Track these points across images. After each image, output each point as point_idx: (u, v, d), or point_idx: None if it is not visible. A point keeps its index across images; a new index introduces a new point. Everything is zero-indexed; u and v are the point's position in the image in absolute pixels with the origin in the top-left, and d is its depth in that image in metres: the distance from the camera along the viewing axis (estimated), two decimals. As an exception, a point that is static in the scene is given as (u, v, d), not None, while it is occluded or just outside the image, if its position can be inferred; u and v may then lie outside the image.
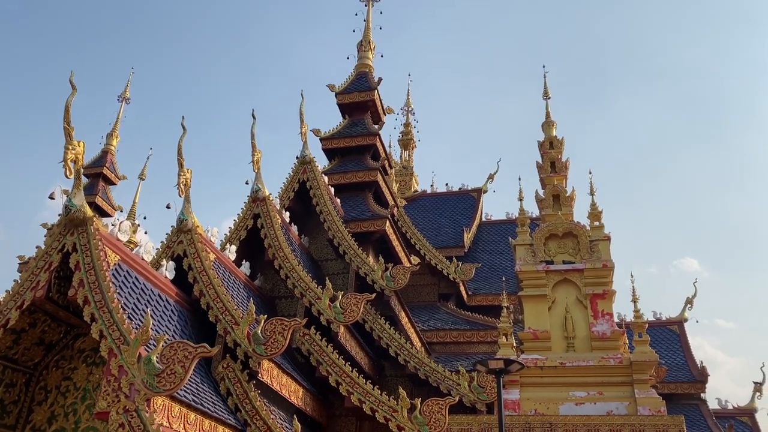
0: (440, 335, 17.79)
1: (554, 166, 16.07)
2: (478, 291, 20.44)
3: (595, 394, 12.64)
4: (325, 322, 11.81)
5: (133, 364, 6.94)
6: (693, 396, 19.77)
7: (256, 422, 8.73)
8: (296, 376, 10.60)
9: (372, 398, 10.81)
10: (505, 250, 21.82)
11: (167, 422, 7.13)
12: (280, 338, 9.19)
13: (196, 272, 9.83)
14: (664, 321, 21.83)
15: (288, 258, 12.24)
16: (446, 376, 13.12)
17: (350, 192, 16.87)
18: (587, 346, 13.36)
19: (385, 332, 13.65)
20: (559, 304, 14.00)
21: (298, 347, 11.47)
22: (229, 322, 9.38)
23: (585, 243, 14.24)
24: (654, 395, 12.35)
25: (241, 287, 11.54)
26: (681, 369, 20.22)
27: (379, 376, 13.98)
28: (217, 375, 9.20)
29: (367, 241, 15.76)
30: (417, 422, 10.52)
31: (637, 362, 12.59)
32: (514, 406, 12.89)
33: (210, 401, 8.28)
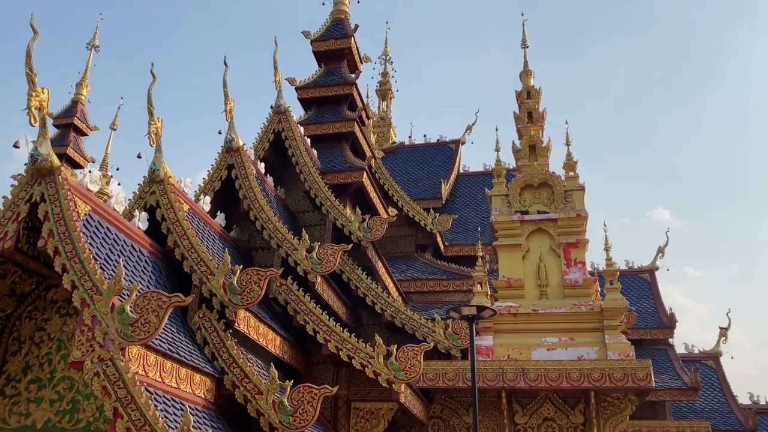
0: (417, 285, 18.02)
1: (531, 117, 16.07)
2: (455, 242, 20.64)
3: (567, 339, 13.00)
4: (302, 273, 11.86)
5: (106, 314, 6.94)
6: (661, 341, 20.43)
7: (233, 370, 8.83)
8: (273, 325, 10.70)
9: (349, 346, 10.97)
10: (482, 202, 21.97)
11: (143, 371, 7.18)
12: (256, 288, 9.22)
13: (170, 223, 9.74)
14: (635, 270, 22.33)
15: (263, 209, 12.19)
16: (422, 324, 13.35)
17: (327, 143, 16.71)
18: (560, 294, 13.68)
19: (362, 282, 13.77)
20: (533, 253, 14.24)
21: (275, 297, 11.54)
22: (205, 273, 9.37)
23: (560, 193, 14.39)
24: (623, 340, 12.74)
25: (217, 238, 11.50)
26: (651, 316, 20.83)
27: (357, 325, 14.18)
28: (194, 325, 9.24)
29: (344, 193, 15.73)
30: (393, 368, 10.74)
31: (608, 309, 12.93)
32: (488, 351, 13.23)
33: (186, 350, 8.34)
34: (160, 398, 7.22)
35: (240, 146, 12.70)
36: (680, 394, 18.65)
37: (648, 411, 18.87)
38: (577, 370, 12.07)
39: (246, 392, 8.67)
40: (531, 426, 12.64)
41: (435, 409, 13.34)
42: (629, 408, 12.46)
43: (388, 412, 11.41)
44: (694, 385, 18.56)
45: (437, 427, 13.32)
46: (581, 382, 11.97)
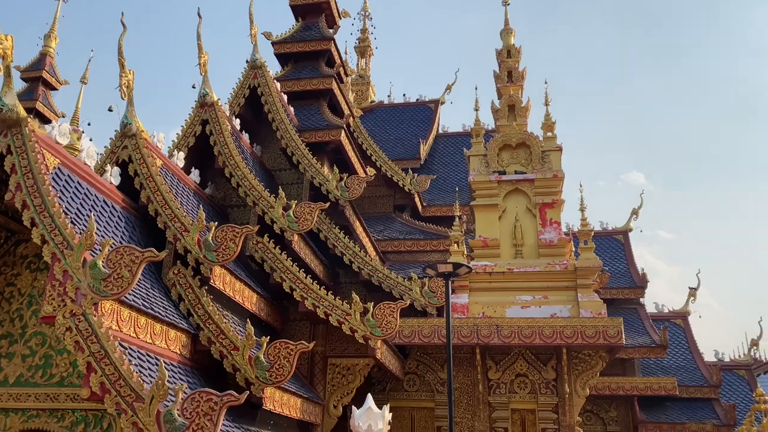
0: (395, 245, 18.08)
1: (511, 76, 15.97)
2: (433, 202, 20.68)
3: (541, 298, 13.21)
4: (278, 231, 11.79)
5: (78, 269, 6.83)
6: (633, 301, 20.93)
7: (209, 326, 8.81)
8: (250, 282, 10.67)
9: (326, 303, 11.01)
10: (461, 162, 21.96)
11: (116, 326, 7.13)
12: (231, 245, 9.15)
13: (143, 178, 9.56)
14: (610, 231, 22.67)
15: (239, 166, 12.01)
16: (399, 282, 13.44)
17: (304, 100, 16.44)
18: (535, 253, 13.83)
19: (340, 241, 13.76)
20: (510, 213, 14.33)
21: (251, 255, 11.49)
22: (179, 229, 9.25)
23: (537, 153, 14.41)
24: (596, 299, 12.98)
25: (191, 195, 11.34)
26: (623, 276, 21.25)
27: (334, 284, 14.22)
28: (168, 281, 9.17)
29: (321, 152, 15.57)
30: (369, 324, 10.83)
31: (582, 268, 13.13)
32: (463, 309, 13.41)
33: (161, 306, 8.29)
34: (134, 353, 7.20)
35: (215, 101, 12.43)
36: (649, 351, 19.21)
37: (617, 368, 19.44)
38: (550, 327, 12.31)
39: (222, 348, 8.69)
40: (504, 381, 12.92)
41: (410, 365, 13.55)
42: (600, 364, 12.78)
43: (364, 367, 11.55)
44: (662, 343, 19.11)
45: (412, 382, 13.55)
46: (554, 339, 12.21)
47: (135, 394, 6.31)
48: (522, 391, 12.81)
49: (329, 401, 11.44)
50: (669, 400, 19.15)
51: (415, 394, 13.44)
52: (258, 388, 8.46)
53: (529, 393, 12.75)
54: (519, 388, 12.85)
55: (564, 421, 12.40)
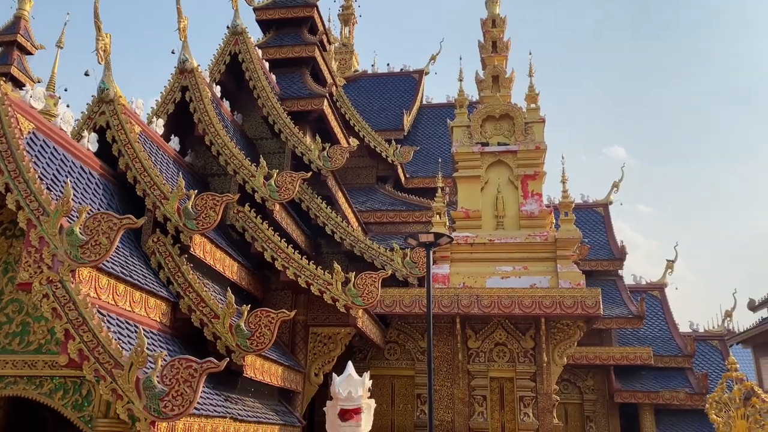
0: (377, 216, 18.07)
1: (495, 46, 15.85)
2: (416, 174, 20.63)
3: (521, 268, 13.34)
4: (260, 200, 11.73)
5: (54, 236, 6.73)
6: (611, 273, 21.21)
7: (189, 294, 8.78)
8: (230, 251, 10.63)
9: (307, 272, 11.03)
10: (444, 134, 21.89)
11: (95, 293, 7.07)
12: (211, 213, 9.08)
13: (121, 145, 9.40)
14: (590, 203, 22.84)
15: (219, 134, 11.86)
16: (381, 253, 13.48)
17: (286, 68, 16.20)
18: (516, 225, 13.92)
19: (322, 211, 13.73)
20: (492, 184, 14.37)
21: (232, 224, 11.42)
22: (158, 197, 9.15)
23: (520, 125, 14.41)
24: (575, 270, 13.14)
25: (171, 162, 11.20)
26: (603, 248, 21.49)
27: (316, 254, 14.22)
28: (148, 249, 9.09)
29: (303, 121, 15.41)
30: (350, 294, 10.88)
31: (562, 239, 13.25)
32: (444, 279, 13.50)
33: (140, 274, 8.23)
34: (113, 320, 7.16)
35: (194, 67, 12.20)
36: (626, 322, 19.55)
37: (595, 338, 19.78)
38: (529, 297, 12.46)
39: (202, 316, 8.68)
40: (483, 350, 13.10)
41: (391, 334, 13.68)
42: (578, 334, 12.99)
43: (346, 336, 11.64)
44: (639, 314, 19.45)
45: (393, 351, 13.70)
46: (533, 309, 12.38)
47: (114, 361, 6.29)
48: (501, 360, 13.00)
49: (310, 369, 11.54)
50: (644, 369, 19.56)
51: (395, 362, 13.60)
52: (239, 356, 8.49)
53: (508, 362, 12.96)
54: (498, 356, 13.04)
55: (541, 389, 12.64)
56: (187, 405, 6.08)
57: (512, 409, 12.67)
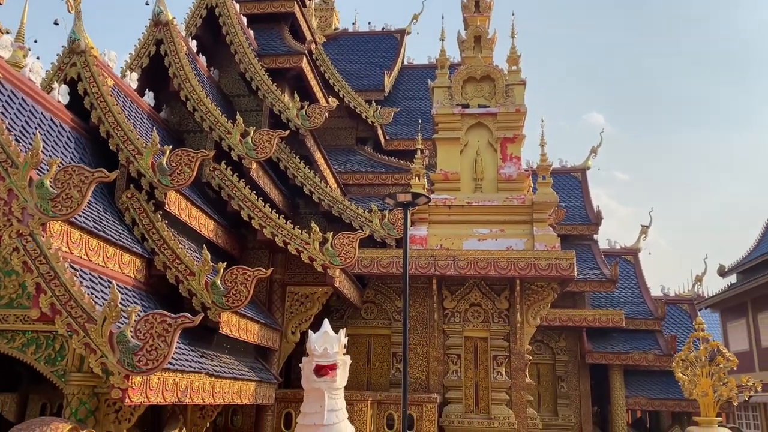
0: (356, 177, 17.97)
1: (478, 6, 15.64)
2: (396, 136, 20.50)
3: (498, 231, 13.43)
4: (236, 158, 11.57)
5: (24, 188, 6.59)
6: (587, 237, 21.52)
7: (164, 251, 8.71)
8: (207, 209, 10.52)
9: (284, 232, 10.98)
10: (425, 96, 21.71)
11: (66, 247, 6.97)
12: (186, 170, 8.94)
13: (93, 98, 9.16)
14: (568, 168, 23.00)
15: (195, 89, 11.61)
16: (359, 214, 13.46)
17: (264, 24, 15.82)
18: (494, 188, 13.97)
19: (300, 171, 13.62)
20: (471, 147, 14.34)
21: (208, 182, 11.29)
22: (132, 152, 8.98)
23: (501, 87, 14.33)
24: (550, 233, 13.26)
25: (145, 118, 10.96)
26: (579, 212, 21.74)
27: (294, 214, 14.16)
28: (122, 205, 8.96)
29: (282, 78, 15.13)
30: (328, 254, 10.88)
31: (538, 202, 13.33)
32: (422, 241, 13.56)
33: (114, 230, 8.12)
34: (85, 275, 7.08)
35: (170, 20, 11.86)
36: (599, 285, 19.93)
37: (568, 300, 20.17)
38: (505, 259, 12.58)
39: (178, 273, 8.62)
40: (458, 311, 13.28)
41: (369, 294, 13.77)
42: (551, 296, 13.20)
43: (323, 295, 11.69)
44: (612, 277, 19.83)
45: (370, 310, 13.81)
46: (508, 271, 12.52)
47: (87, 315, 6.25)
48: (475, 320, 13.20)
49: (287, 327, 11.59)
50: (615, 332, 20.06)
51: (372, 321, 13.73)
52: (214, 313, 8.48)
53: (482, 322, 13.15)
54: (473, 317, 13.23)
55: (515, 348, 12.89)
56: (162, 359, 6.09)
57: (486, 367, 12.92)
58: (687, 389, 7.27)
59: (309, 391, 7.66)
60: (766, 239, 27.84)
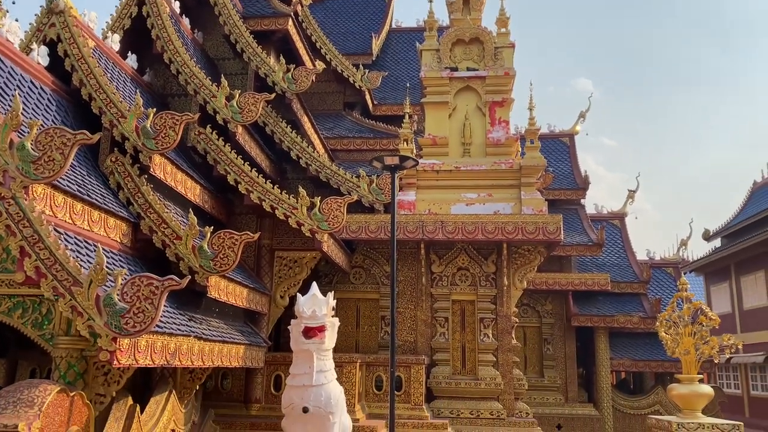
0: (344, 143, 17.85)
1: (467, -34, 15.35)
2: (384, 101, 20.31)
3: (485, 195, 13.46)
4: (221, 122, 11.43)
5: (4, 151, 6.47)
6: (574, 202, 21.62)
7: (150, 215, 8.65)
8: (193, 174, 10.42)
9: (272, 197, 10.93)
10: (414, 60, 21.46)
11: (50, 211, 6.89)
12: (171, 133, 8.82)
13: (74, 59, 8.96)
14: (556, 133, 22.97)
15: (178, 51, 11.39)
16: (347, 179, 13.41)
17: (249, -15, 15.45)
18: (482, 152, 13.95)
19: (287, 135, 13.49)
20: (460, 111, 14.27)
21: (193, 146, 11.16)
22: (115, 115, 8.83)
23: (490, 50, 14.19)
24: (538, 197, 13.32)
25: (128, 81, 10.76)
26: (567, 177, 21.80)
27: (281, 179, 14.08)
28: (106, 169, 8.85)
29: (267, 41, 14.87)
30: (316, 219, 10.86)
31: (526, 166, 13.34)
32: (410, 206, 13.58)
33: (99, 193, 8.04)
34: (70, 239, 7.02)
35: (151, -20, 11.56)
36: (586, 249, 20.11)
37: (555, 265, 20.37)
38: (492, 223, 12.64)
39: (164, 237, 8.58)
40: (446, 275, 13.37)
41: (357, 259, 13.82)
42: (538, 259, 13.32)
43: (311, 260, 11.71)
44: (599, 241, 20.01)
45: (359, 275, 13.88)
46: (495, 235, 12.59)
47: (72, 279, 6.21)
48: (463, 284, 13.31)
49: (276, 292, 11.63)
50: (601, 295, 20.33)
51: (361, 286, 13.81)
52: (202, 277, 8.48)
53: (470, 285, 13.27)
54: (460, 280, 13.34)
55: (501, 311, 13.04)
56: (149, 322, 6.09)
57: (473, 330, 13.09)
58: (670, 348, 7.41)
59: (298, 352, 7.73)
60: (751, 204, 28.16)
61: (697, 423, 6.61)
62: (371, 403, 11.72)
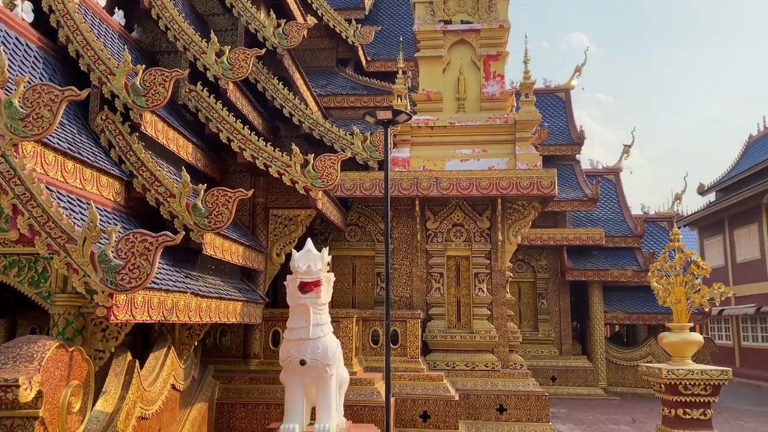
0: (337, 100, 17.67)
1: None
2: (378, 56, 20.03)
3: (480, 151, 13.41)
4: (212, 79, 11.27)
5: (-8, 109, 6.39)
6: (569, 157, 21.59)
7: (142, 173, 8.60)
8: (184, 131, 10.33)
9: (265, 154, 10.87)
10: (407, 14, 21.07)
11: (41, 169, 6.85)
12: (161, 90, 8.70)
13: (59, 15, 8.77)
14: (552, 88, 22.77)
15: (167, 7, 11.14)
16: (340, 136, 13.32)
17: (237, -63, 15.01)
18: (477, 107, 13.84)
19: (279, 92, 13.33)
20: (454, 65, 14.09)
21: (184, 104, 11.04)
22: (104, 72, 8.69)
23: (484, 2, 13.96)
24: (532, 151, 13.28)
25: (116, 37, 10.55)
26: (562, 133, 21.70)
27: (274, 137, 13.99)
28: (96, 127, 8.76)
29: (258, -4, 14.55)
30: (310, 176, 10.83)
31: (521, 121, 13.26)
32: (404, 163, 13.54)
33: (90, 152, 7.97)
34: (63, 197, 7.00)
35: (135, -68, 11.22)
36: (580, 204, 20.18)
37: (550, 220, 20.46)
38: (487, 179, 12.64)
39: (158, 195, 8.56)
40: (441, 231, 13.43)
41: (352, 217, 13.85)
42: (532, 214, 13.36)
43: (306, 218, 11.73)
44: (593, 196, 20.06)
45: (354, 233, 13.93)
46: (490, 191, 12.60)
47: (66, 236, 6.21)
48: (458, 240, 13.38)
49: (272, 250, 11.68)
50: (595, 250, 20.50)
51: (356, 243, 13.88)
52: (197, 234, 8.49)
53: (464, 241, 13.34)
54: (455, 236, 13.40)
55: (496, 266, 13.15)
56: (145, 277, 6.12)
57: (468, 285, 13.22)
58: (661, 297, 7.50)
59: (294, 307, 7.81)
60: (746, 157, 28.16)
61: (687, 369, 6.75)
62: (368, 356, 11.91)
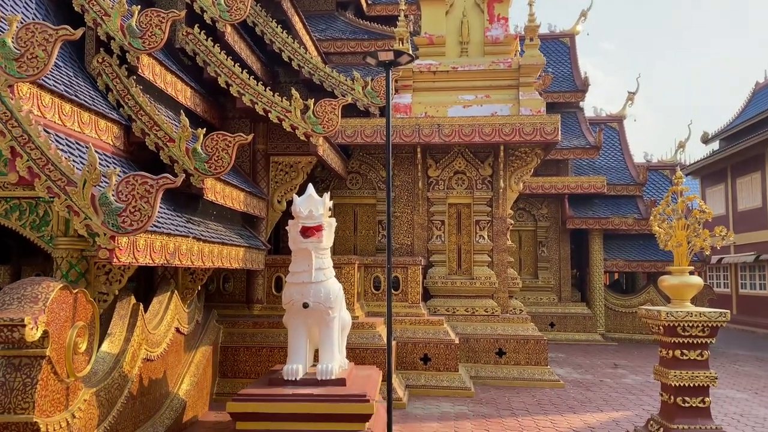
0: (338, 45, 17.31)
1: None
2: (379, 0, 19.54)
3: (483, 96, 13.21)
4: (210, 22, 11.01)
5: (-16, 49, 6.25)
6: (573, 105, 21.31)
7: (141, 117, 8.50)
8: (182, 75, 10.15)
9: (264, 99, 10.72)
10: (409, -44, 20.43)
11: (38, 111, 6.75)
12: (158, 31, 8.51)
13: (49, -47, 8.49)
14: (557, 33, 22.27)
15: (161, -55, 10.79)
16: (341, 81, 13.11)
17: None
18: (480, 51, 13.56)
19: (278, 36, 13.05)
20: (457, 8, 13.75)
21: (182, 48, 10.82)
22: (98, 13, 8.48)
23: (488, -59, 13.46)
24: (536, 97, 13.08)
25: (109, -23, 10.25)
26: (566, 80, 21.35)
27: (273, 83, 13.77)
28: (93, 70, 8.61)
29: (254, -65, 14.07)
30: (310, 122, 10.70)
31: (525, 65, 13.02)
32: (406, 109, 13.36)
33: (87, 95, 7.85)
34: (62, 140, 6.92)
35: None
36: (583, 152, 20.03)
37: (552, 168, 20.36)
38: (489, 125, 12.48)
39: (157, 140, 8.48)
40: (443, 178, 13.37)
41: (353, 165, 13.77)
42: (535, 161, 13.27)
43: (307, 165, 11.65)
44: (596, 144, 19.89)
45: (355, 181, 13.87)
46: (493, 137, 12.47)
47: (66, 179, 6.18)
48: (459, 187, 13.33)
49: (273, 197, 11.66)
50: (597, 198, 20.46)
51: (358, 191, 13.84)
52: (198, 179, 8.45)
53: (466, 189, 13.30)
54: (457, 184, 13.35)
55: (497, 213, 13.14)
56: (146, 220, 6.11)
57: (468, 232, 13.24)
58: (662, 241, 7.49)
59: (296, 252, 7.82)
60: (752, 105, 27.80)
61: (686, 311, 6.81)
62: (370, 302, 12.04)
